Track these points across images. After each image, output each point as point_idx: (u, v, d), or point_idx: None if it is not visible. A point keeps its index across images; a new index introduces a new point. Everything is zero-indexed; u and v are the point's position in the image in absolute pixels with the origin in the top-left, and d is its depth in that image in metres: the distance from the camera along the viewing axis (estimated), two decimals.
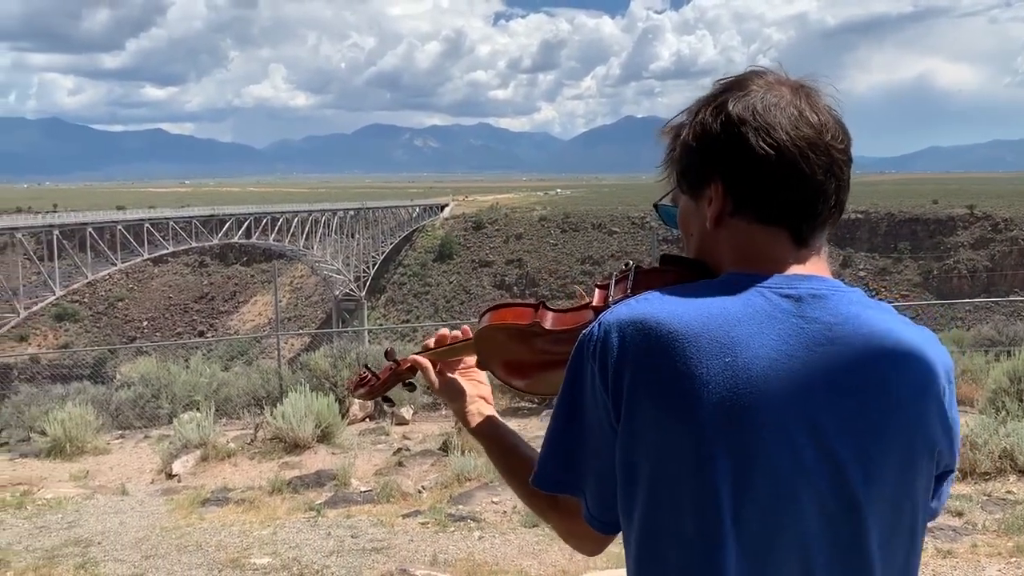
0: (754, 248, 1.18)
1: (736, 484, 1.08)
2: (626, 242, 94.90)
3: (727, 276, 1.18)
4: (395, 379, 1.64)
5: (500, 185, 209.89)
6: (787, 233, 1.17)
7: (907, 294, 75.49)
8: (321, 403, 9.50)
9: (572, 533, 1.30)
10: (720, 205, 1.18)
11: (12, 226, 74.14)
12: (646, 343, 1.10)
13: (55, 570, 5.81)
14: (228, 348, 60.32)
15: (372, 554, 5.84)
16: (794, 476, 1.08)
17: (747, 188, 1.16)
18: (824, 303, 1.13)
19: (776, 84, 1.19)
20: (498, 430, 1.50)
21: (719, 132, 1.17)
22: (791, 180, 1.14)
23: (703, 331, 1.09)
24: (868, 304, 1.16)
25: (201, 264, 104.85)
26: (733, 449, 1.08)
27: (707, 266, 1.23)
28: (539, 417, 10.63)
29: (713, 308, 1.11)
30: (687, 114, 1.23)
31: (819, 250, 1.20)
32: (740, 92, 1.18)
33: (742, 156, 1.15)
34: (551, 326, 1.34)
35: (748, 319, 1.11)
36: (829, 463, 1.09)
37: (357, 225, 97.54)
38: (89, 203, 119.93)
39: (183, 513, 7.17)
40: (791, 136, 1.14)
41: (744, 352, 1.09)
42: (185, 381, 12.85)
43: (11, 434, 11.79)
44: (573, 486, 1.22)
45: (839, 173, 1.17)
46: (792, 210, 1.16)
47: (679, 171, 1.24)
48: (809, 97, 1.18)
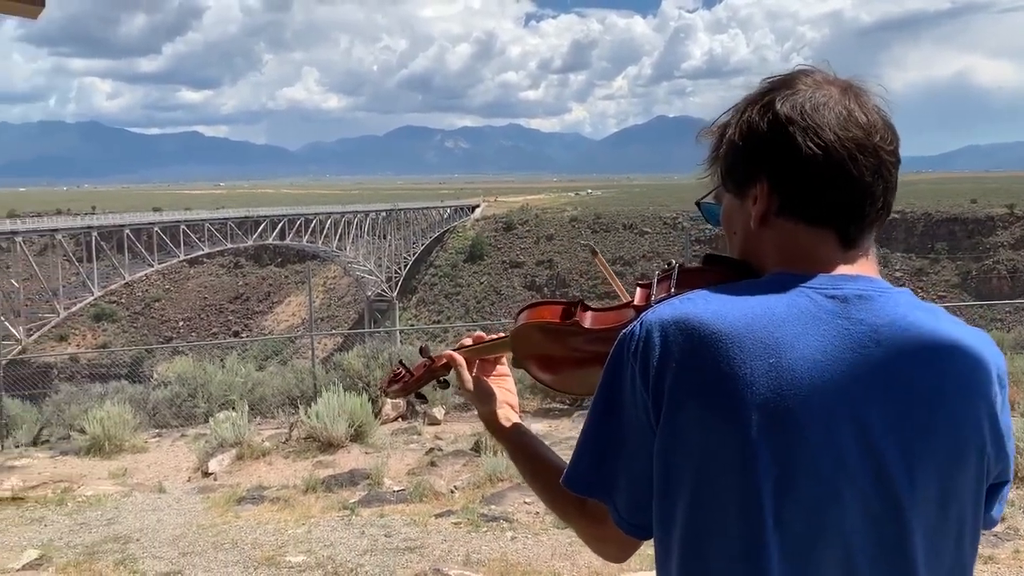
0: (799, 248, 1.16)
1: (778, 485, 1.07)
2: (657, 243, 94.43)
3: (772, 276, 1.17)
4: (429, 376, 1.63)
5: (531, 186, 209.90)
6: (834, 234, 1.16)
7: (944, 295, 74.29)
8: (354, 403, 9.57)
9: (599, 537, 1.28)
10: (765, 204, 1.17)
11: (52, 227, 75.63)
12: (689, 343, 1.10)
13: (95, 566, 5.91)
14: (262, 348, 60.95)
15: (406, 553, 5.87)
16: (838, 477, 1.07)
17: (793, 188, 1.15)
18: (870, 304, 1.12)
19: (824, 83, 1.17)
20: (524, 436, 1.49)
21: (766, 131, 1.15)
22: (838, 181, 1.13)
23: (747, 332, 1.08)
24: (916, 306, 1.14)
25: (236, 265, 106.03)
26: (776, 450, 1.07)
27: (751, 266, 1.21)
28: (570, 419, 10.61)
29: (757, 308, 1.10)
30: (733, 112, 1.22)
31: (867, 251, 1.18)
32: (788, 91, 1.16)
33: (789, 156, 1.14)
34: (590, 325, 1.33)
35: (793, 320, 1.10)
36: (873, 463, 1.08)
37: (389, 226, 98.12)
38: (126, 205, 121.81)
39: (219, 511, 7.26)
40: (839, 137, 1.12)
41: (789, 353, 1.08)
42: (221, 381, 12.99)
43: (52, 432, 12.02)
44: (604, 488, 1.20)
45: (887, 175, 1.15)
46: (839, 211, 1.15)
47: (724, 169, 1.23)
48: (858, 97, 1.16)
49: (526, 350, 1.44)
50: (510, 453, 1.50)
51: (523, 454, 1.46)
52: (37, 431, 11.96)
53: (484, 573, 5.47)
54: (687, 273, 1.25)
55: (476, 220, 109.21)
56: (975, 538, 1.16)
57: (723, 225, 1.27)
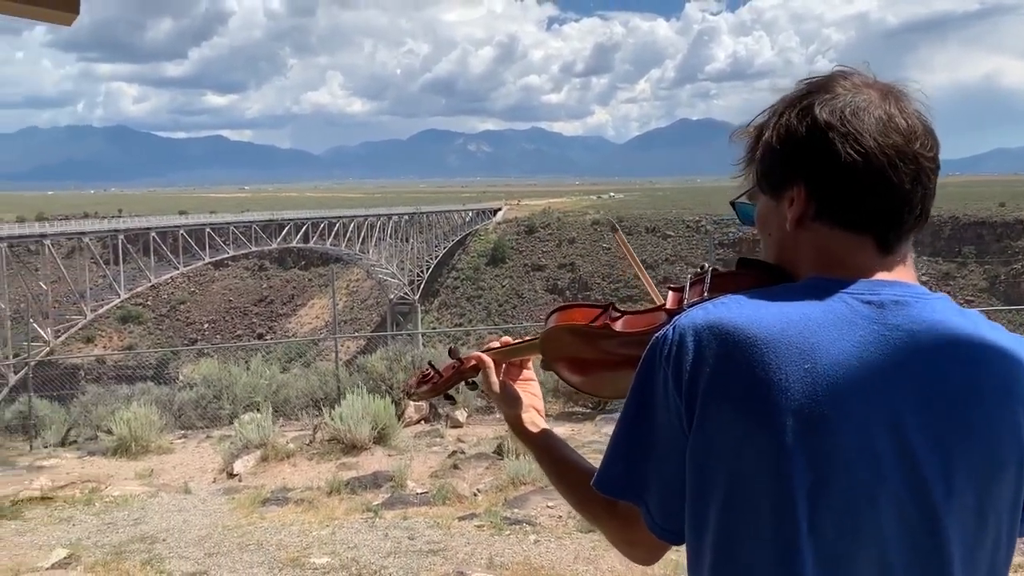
0: (836, 253, 1.15)
1: (813, 491, 1.06)
2: (680, 246, 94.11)
3: (808, 281, 1.15)
4: (458, 377, 1.63)
5: (553, 189, 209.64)
6: (872, 240, 1.15)
7: (972, 299, 73.39)
8: (378, 405, 9.60)
9: (628, 541, 1.28)
10: (802, 208, 1.16)
11: (80, 230, 76.65)
12: (723, 348, 1.09)
13: (123, 565, 5.97)
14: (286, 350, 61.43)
15: (429, 556, 5.88)
16: (873, 484, 1.06)
17: (831, 194, 1.14)
18: (907, 310, 1.10)
19: (863, 86, 1.16)
20: (550, 439, 1.49)
21: (804, 136, 1.14)
22: (877, 188, 1.12)
23: (782, 336, 1.07)
24: (954, 311, 1.12)
25: (260, 268, 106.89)
26: (811, 456, 1.06)
27: (785, 270, 1.20)
28: (593, 423, 10.59)
29: (792, 313, 1.09)
30: (770, 113, 1.20)
31: (904, 257, 1.17)
32: (827, 95, 1.15)
33: (828, 162, 1.12)
34: (622, 328, 1.32)
35: (829, 325, 1.08)
36: (909, 470, 1.06)
37: (411, 229, 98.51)
38: (152, 208, 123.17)
39: (244, 512, 7.31)
40: (879, 143, 1.11)
41: (824, 358, 1.06)
42: (245, 383, 13.07)
43: (79, 432, 12.17)
44: (636, 491, 1.20)
45: (926, 181, 1.14)
46: (877, 218, 1.14)
47: (760, 171, 1.22)
48: (899, 101, 1.15)
49: (556, 352, 1.43)
50: (536, 456, 1.49)
51: (549, 457, 1.46)
52: (65, 432, 12.13)
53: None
54: (720, 277, 1.24)
55: (498, 223, 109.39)
56: (1011, 547, 1.14)
57: (757, 226, 1.26)
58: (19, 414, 13.12)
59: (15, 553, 6.38)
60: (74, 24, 2.57)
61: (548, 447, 1.47)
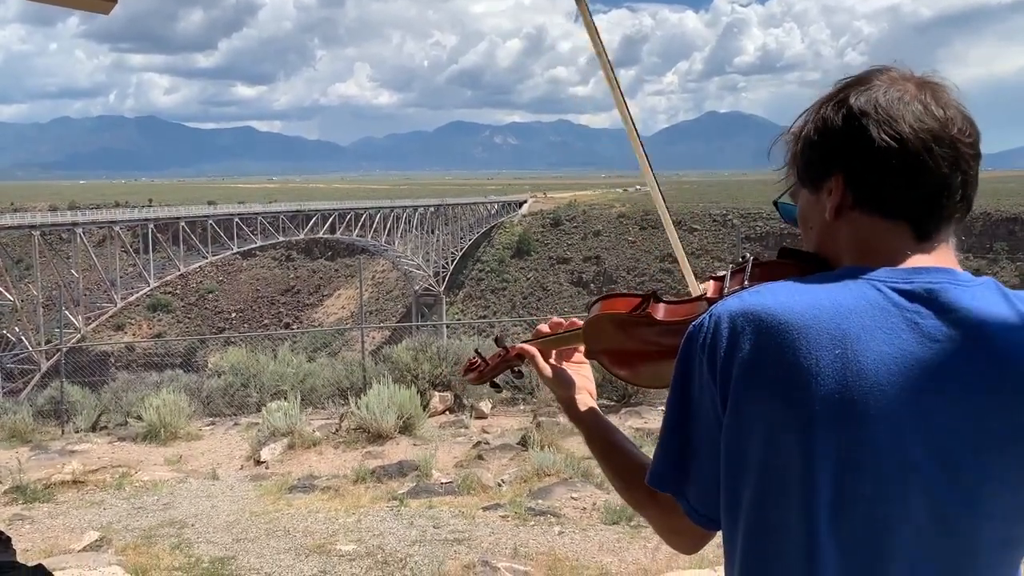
0: (874, 241, 1.15)
1: (837, 480, 1.05)
2: (707, 239, 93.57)
3: (843, 269, 1.16)
4: (504, 365, 1.65)
5: (579, 182, 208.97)
6: (908, 227, 1.14)
7: None
8: (403, 395, 9.66)
9: (671, 529, 1.29)
10: (840, 197, 1.16)
11: (111, 220, 77.75)
12: (755, 334, 1.09)
13: (152, 549, 6.07)
14: (312, 340, 61.87)
15: (454, 545, 5.91)
16: (900, 475, 1.05)
17: (868, 181, 1.14)
18: (942, 297, 1.09)
19: (900, 79, 1.16)
20: (601, 422, 1.50)
21: (840, 125, 1.15)
22: (913, 174, 1.12)
23: (814, 323, 1.08)
24: (996, 298, 1.11)
25: (288, 258, 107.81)
26: (839, 444, 1.06)
27: (825, 259, 1.21)
28: (617, 415, 10.56)
29: (824, 300, 1.09)
30: (809, 113, 1.22)
31: (945, 243, 1.16)
32: (862, 87, 1.16)
33: (863, 149, 1.13)
34: (663, 317, 1.33)
35: (860, 312, 1.08)
36: (939, 463, 1.05)
37: (437, 221, 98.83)
38: (182, 198, 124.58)
39: (271, 499, 7.39)
40: (914, 129, 1.11)
41: (855, 345, 1.06)
42: (273, 371, 13.19)
43: (110, 418, 12.35)
44: (675, 482, 1.22)
45: (966, 167, 1.13)
46: (915, 205, 1.13)
47: (801, 166, 1.23)
48: (935, 92, 1.15)
49: (598, 342, 1.45)
50: (586, 438, 1.51)
51: (600, 439, 1.48)
52: (96, 417, 12.31)
53: (532, 566, 5.48)
54: (761, 266, 1.25)
55: (523, 216, 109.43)
56: None
57: (799, 222, 1.27)
58: (51, 399, 13.33)
59: (48, 535, 6.51)
60: (113, 13, 2.60)
61: (598, 428, 1.49)
